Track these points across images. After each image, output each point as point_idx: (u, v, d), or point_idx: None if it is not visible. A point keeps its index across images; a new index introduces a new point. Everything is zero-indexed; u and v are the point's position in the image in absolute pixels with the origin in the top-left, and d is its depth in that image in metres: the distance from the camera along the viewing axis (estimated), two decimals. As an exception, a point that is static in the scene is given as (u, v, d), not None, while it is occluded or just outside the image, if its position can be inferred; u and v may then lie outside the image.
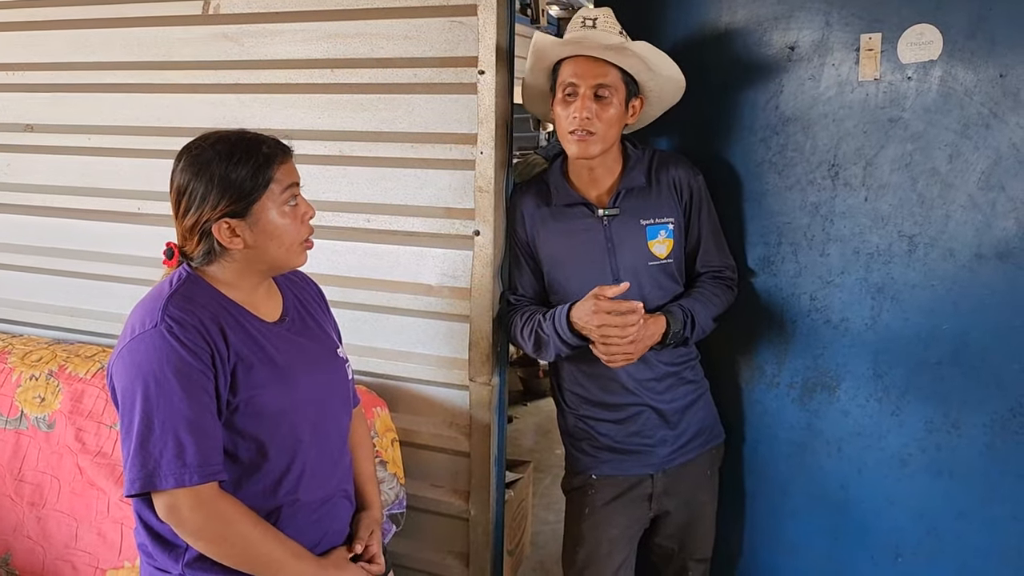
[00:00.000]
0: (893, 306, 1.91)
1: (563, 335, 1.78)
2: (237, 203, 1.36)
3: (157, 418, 1.29)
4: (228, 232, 1.37)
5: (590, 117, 1.74)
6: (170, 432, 1.29)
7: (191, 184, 1.36)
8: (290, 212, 1.41)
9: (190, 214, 1.37)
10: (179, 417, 1.30)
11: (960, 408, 1.89)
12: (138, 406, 1.30)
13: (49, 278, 2.59)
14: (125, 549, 2.07)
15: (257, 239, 1.39)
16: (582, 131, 1.76)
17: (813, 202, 1.94)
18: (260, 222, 1.38)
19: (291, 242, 1.42)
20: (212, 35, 2.22)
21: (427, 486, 2.22)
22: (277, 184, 1.39)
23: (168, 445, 1.29)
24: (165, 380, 1.30)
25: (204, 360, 1.33)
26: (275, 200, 1.39)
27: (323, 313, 1.64)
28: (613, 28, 1.77)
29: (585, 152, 1.78)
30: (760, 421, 2.10)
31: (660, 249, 1.88)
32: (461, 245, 2.05)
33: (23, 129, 2.53)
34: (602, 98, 1.75)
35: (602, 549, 1.93)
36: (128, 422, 1.31)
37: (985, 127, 1.76)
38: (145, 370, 1.30)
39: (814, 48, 1.88)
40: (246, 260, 1.42)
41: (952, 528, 1.94)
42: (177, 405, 1.29)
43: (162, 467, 1.29)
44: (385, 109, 2.08)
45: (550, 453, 4.08)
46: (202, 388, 1.32)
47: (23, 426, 2.23)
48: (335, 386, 1.55)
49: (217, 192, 1.35)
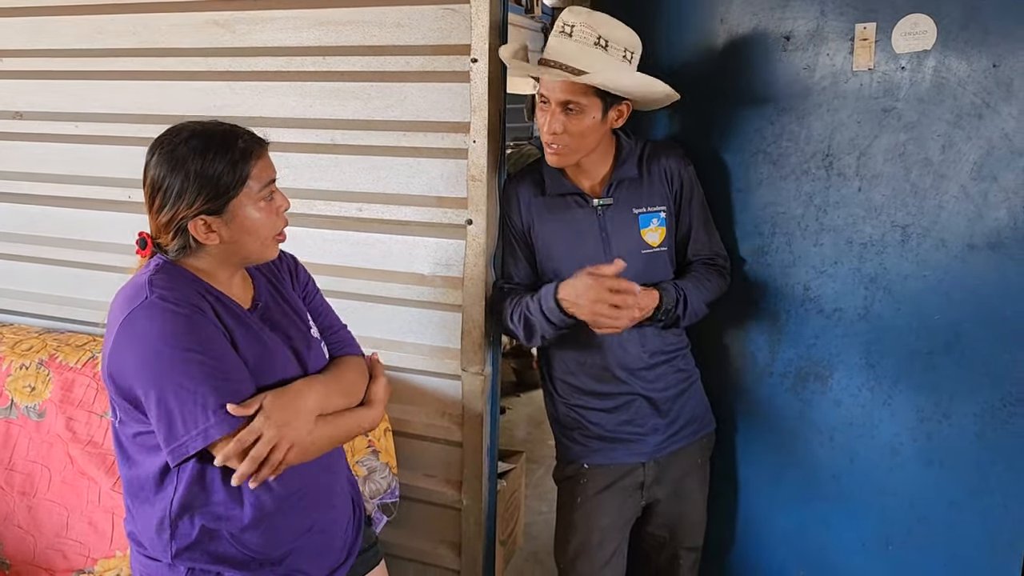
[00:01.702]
0: (885, 296, 1.91)
1: (550, 314, 1.78)
2: (214, 200, 1.33)
3: (185, 378, 1.28)
4: (204, 228, 1.35)
5: (558, 132, 1.75)
6: (198, 391, 1.27)
7: (166, 180, 1.33)
8: (266, 207, 1.39)
9: (165, 210, 1.34)
10: (203, 369, 1.28)
11: (951, 398, 1.90)
12: (160, 376, 1.28)
13: (37, 266, 2.58)
14: (116, 538, 2.06)
15: (233, 234, 1.37)
16: (554, 144, 1.77)
17: (807, 192, 1.94)
18: (237, 218, 1.36)
19: (266, 236, 1.41)
20: (203, 22, 2.20)
21: (420, 476, 2.22)
22: (255, 180, 1.36)
23: (198, 403, 1.27)
24: (174, 340, 1.28)
25: (203, 316, 1.33)
26: (252, 196, 1.36)
27: (298, 291, 1.62)
28: (588, 38, 1.70)
29: (559, 163, 1.82)
30: (752, 410, 2.11)
31: (653, 237, 1.88)
32: (454, 234, 2.04)
33: (12, 116, 2.51)
34: (572, 111, 1.74)
35: (594, 538, 1.94)
36: (157, 396, 1.28)
37: (978, 117, 1.77)
38: (152, 339, 1.28)
39: (809, 38, 1.88)
40: (221, 254, 1.40)
41: (943, 517, 1.95)
42: (196, 359, 1.28)
43: (207, 423, 1.28)
44: (377, 97, 2.06)
45: (543, 444, 4.08)
46: (209, 335, 1.32)
47: (13, 415, 2.22)
48: (311, 370, 1.53)
49: (193, 189, 1.32)
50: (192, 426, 1.28)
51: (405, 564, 2.27)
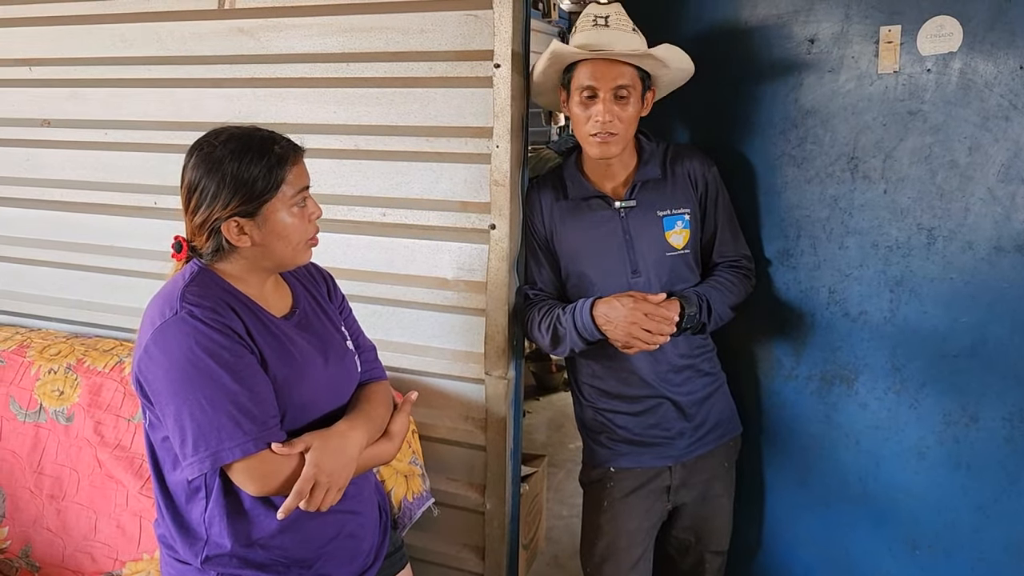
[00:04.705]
0: (912, 299, 1.90)
1: (583, 331, 1.79)
2: (248, 203, 1.35)
3: (205, 398, 1.29)
4: (236, 230, 1.37)
5: (612, 120, 1.75)
6: (221, 409, 1.29)
7: (202, 182, 1.35)
8: (298, 212, 1.41)
9: (200, 211, 1.36)
10: (225, 391, 1.30)
11: (978, 401, 1.88)
12: (182, 392, 1.30)
13: (66, 272, 2.60)
14: (144, 541, 2.08)
15: (265, 238, 1.39)
16: (605, 133, 1.76)
17: (832, 195, 1.93)
18: (269, 222, 1.38)
19: (297, 241, 1.42)
20: (228, 29, 2.22)
21: (443, 479, 2.22)
22: (288, 186, 1.38)
23: (223, 421, 1.29)
24: (199, 359, 1.30)
25: (231, 336, 1.34)
26: (285, 202, 1.38)
27: (334, 306, 1.64)
28: (626, 25, 1.76)
29: (607, 153, 1.80)
30: (778, 414, 2.10)
31: (677, 239, 1.88)
32: (477, 239, 2.05)
33: (40, 124, 2.54)
34: (622, 98, 1.76)
35: (621, 542, 1.94)
36: (175, 410, 1.30)
37: (1005, 119, 1.75)
38: (177, 355, 1.30)
39: (833, 41, 1.87)
40: (253, 257, 1.42)
41: (970, 521, 1.93)
42: (219, 380, 1.30)
43: (224, 443, 1.30)
44: (401, 103, 2.07)
45: (563, 447, 4.09)
46: (237, 356, 1.33)
47: (42, 419, 2.25)
48: (345, 380, 1.55)
49: (228, 191, 1.34)
50: (203, 447, 1.30)
51: (429, 568, 2.27)
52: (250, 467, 1.32)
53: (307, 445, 1.36)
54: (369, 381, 1.61)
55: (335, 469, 1.37)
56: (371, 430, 1.49)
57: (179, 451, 1.32)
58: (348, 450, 1.41)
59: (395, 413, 1.58)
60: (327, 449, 1.38)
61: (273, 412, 1.36)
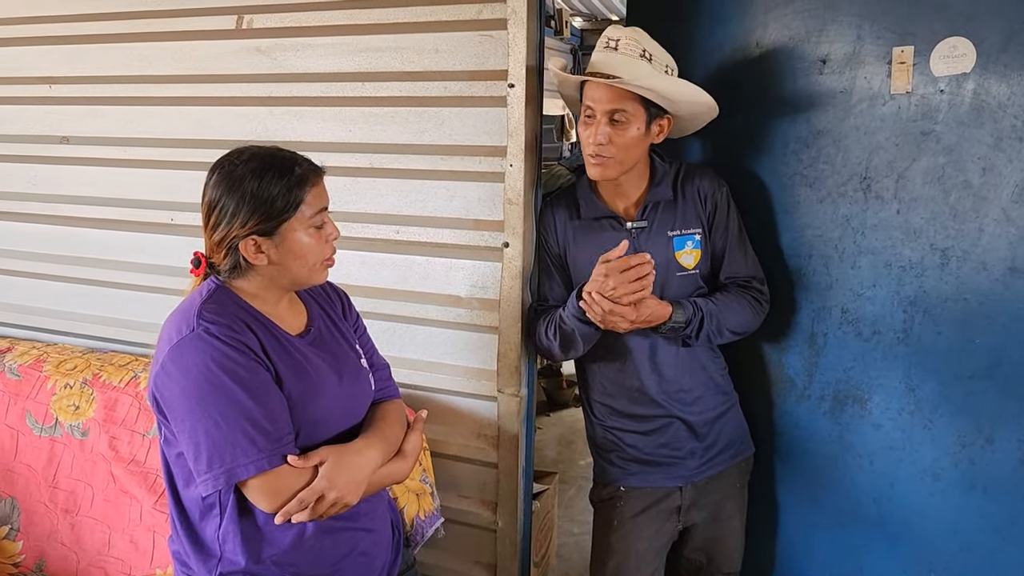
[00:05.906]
0: (925, 319, 1.89)
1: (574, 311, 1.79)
2: (266, 222, 1.37)
3: (220, 414, 1.30)
4: (254, 248, 1.38)
5: (603, 143, 1.77)
6: (236, 426, 1.30)
7: (222, 199, 1.37)
8: (316, 233, 1.42)
9: (219, 229, 1.38)
10: (240, 408, 1.31)
11: (994, 423, 1.87)
12: (197, 409, 1.31)
13: (83, 288, 2.63)
14: (157, 556, 2.09)
15: (282, 257, 1.40)
16: (598, 156, 1.78)
17: (844, 215, 1.94)
18: (286, 241, 1.39)
19: (314, 262, 1.44)
20: (245, 49, 2.25)
21: (455, 496, 2.22)
22: (307, 207, 1.40)
23: (238, 438, 1.30)
24: (215, 377, 1.31)
25: (246, 353, 1.35)
26: (303, 222, 1.40)
27: (349, 324, 1.66)
28: (634, 51, 1.75)
29: (601, 175, 1.82)
30: (790, 434, 2.09)
31: (687, 260, 1.88)
32: (490, 257, 2.06)
33: (59, 141, 2.57)
34: (617, 122, 1.76)
35: (630, 562, 1.93)
36: (191, 426, 1.32)
37: (1019, 140, 1.75)
38: (194, 372, 1.31)
39: (846, 61, 1.88)
40: (269, 275, 1.43)
41: (986, 544, 1.91)
42: (234, 397, 1.31)
43: (238, 459, 1.31)
44: (415, 122, 2.09)
45: (573, 464, 4.08)
46: (252, 373, 1.34)
47: (57, 433, 2.27)
48: (359, 398, 1.56)
49: (247, 210, 1.36)
50: (218, 463, 1.31)
51: (440, 585, 2.27)
52: (264, 484, 1.33)
53: (322, 459, 1.37)
54: (383, 400, 1.62)
55: (346, 485, 1.38)
56: (386, 449, 1.50)
57: (193, 467, 1.33)
58: (363, 468, 1.42)
59: (408, 432, 1.59)
60: (341, 464, 1.39)
61: (288, 429, 1.37)
